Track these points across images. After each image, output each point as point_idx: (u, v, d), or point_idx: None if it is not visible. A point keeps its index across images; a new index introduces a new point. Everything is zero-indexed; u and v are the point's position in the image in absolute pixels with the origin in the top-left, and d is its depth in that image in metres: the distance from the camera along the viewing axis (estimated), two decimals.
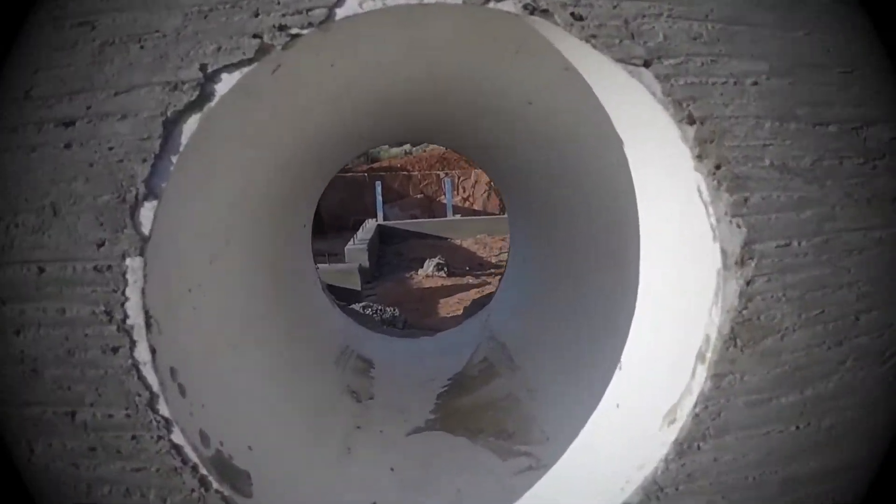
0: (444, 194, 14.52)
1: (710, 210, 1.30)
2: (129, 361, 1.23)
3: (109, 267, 1.21)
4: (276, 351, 1.93)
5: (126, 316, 1.22)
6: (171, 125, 1.20)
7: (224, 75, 1.20)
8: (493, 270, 9.33)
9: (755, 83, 1.33)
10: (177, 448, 1.25)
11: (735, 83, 1.33)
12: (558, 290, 2.31)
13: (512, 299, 2.96)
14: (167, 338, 1.28)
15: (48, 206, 1.23)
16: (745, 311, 1.30)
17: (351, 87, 1.69)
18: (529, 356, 2.30)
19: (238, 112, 1.33)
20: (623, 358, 1.69)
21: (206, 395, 1.39)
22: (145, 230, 1.20)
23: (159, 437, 1.26)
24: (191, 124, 1.19)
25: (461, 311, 6.83)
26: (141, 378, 1.23)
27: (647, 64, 1.29)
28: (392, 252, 11.08)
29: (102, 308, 1.22)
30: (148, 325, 1.22)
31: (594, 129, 1.68)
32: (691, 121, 1.31)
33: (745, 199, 1.31)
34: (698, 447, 1.34)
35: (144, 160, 1.20)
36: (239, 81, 1.20)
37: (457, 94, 1.95)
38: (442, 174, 15.28)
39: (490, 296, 3.68)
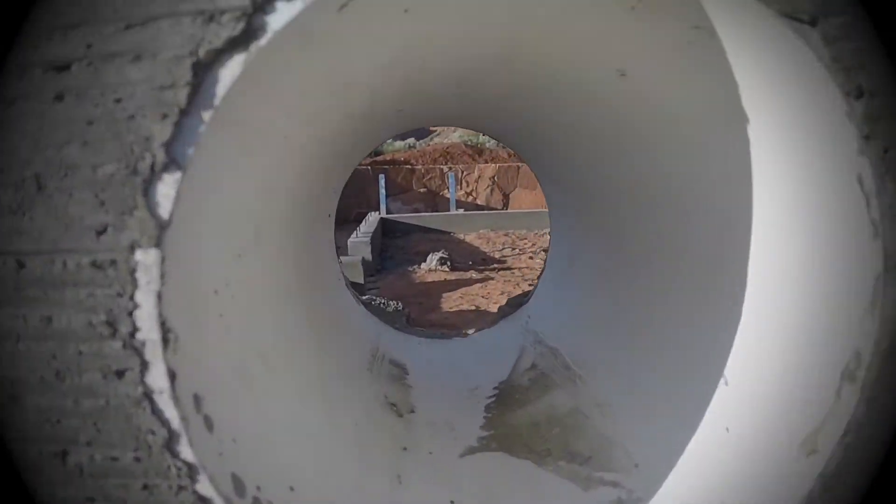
0: (448, 188, 14.36)
1: (873, 202, 1.06)
2: (140, 389, 0.91)
3: (113, 262, 0.89)
4: (308, 364, 1.62)
5: (135, 329, 0.90)
6: (205, 70, 0.86)
7: (280, 4, 0.86)
8: (496, 265, 9.22)
9: None
10: (204, 501, 0.95)
11: None
12: (630, 291, 2.02)
13: (561, 300, 2.65)
14: (190, 356, 0.96)
15: (30, 178, 0.90)
16: None
17: (415, 45, 1.37)
18: (594, 365, 2.00)
19: (289, 63, 1.00)
20: (728, 372, 1.43)
21: (238, 427, 1.07)
22: (164, 212, 0.87)
23: (180, 488, 0.95)
24: (231, 69, 0.86)
25: (464, 305, 6.63)
26: (156, 412, 0.91)
27: (813, 22, 1.03)
28: (395, 246, 10.88)
29: (103, 318, 0.90)
30: (165, 342, 0.90)
31: (705, 105, 1.40)
32: (859, 93, 1.05)
33: None
34: (845, 483, 1.11)
35: (165, 117, 0.87)
36: (298, 16, 0.88)
37: (530, 63, 1.63)
38: (445, 168, 15.04)
39: (525, 295, 3.38)
